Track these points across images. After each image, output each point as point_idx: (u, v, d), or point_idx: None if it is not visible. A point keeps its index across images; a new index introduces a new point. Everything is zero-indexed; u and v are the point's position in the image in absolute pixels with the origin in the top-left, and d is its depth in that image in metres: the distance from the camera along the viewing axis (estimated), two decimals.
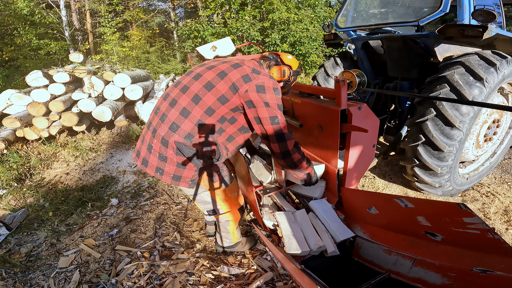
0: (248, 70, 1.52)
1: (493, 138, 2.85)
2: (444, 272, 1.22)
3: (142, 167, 1.64)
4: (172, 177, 1.59)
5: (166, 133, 1.51)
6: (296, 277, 1.30)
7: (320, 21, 8.92)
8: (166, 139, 1.51)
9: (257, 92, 1.49)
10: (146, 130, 1.64)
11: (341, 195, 1.88)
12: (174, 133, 1.50)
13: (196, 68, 1.64)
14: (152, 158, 1.58)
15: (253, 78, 1.50)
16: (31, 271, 2.08)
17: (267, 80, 1.53)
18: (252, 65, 1.59)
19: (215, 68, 1.54)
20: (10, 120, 3.94)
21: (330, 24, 3.69)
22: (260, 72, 1.55)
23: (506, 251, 1.03)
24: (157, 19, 15.32)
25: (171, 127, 1.50)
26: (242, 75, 1.50)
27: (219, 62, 1.61)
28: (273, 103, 1.52)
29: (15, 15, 9.54)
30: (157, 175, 1.60)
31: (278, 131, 1.54)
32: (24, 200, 3.16)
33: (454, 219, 1.14)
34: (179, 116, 1.50)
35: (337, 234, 1.64)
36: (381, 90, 2.76)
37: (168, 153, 1.53)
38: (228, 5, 7.94)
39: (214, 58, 1.75)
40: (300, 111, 2.19)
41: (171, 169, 1.57)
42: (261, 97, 1.50)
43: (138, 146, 1.71)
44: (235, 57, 1.73)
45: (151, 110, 1.76)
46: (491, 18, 2.21)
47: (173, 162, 1.55)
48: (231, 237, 2.04)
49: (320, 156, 2.06)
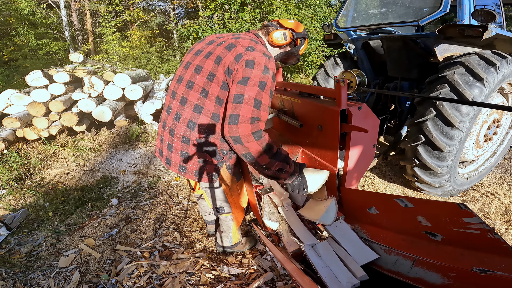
0: (241, 50, 1.39)
1: (493, 138, 2.85)
2: (444, 272, 1.22)
3: (166, 165, 1.65)
4: (195, 173, 1.59)
5: (185, 131, 1.49)
6: (296, 277, 1.30)
7: (320, 21, 8.92)
8: (186, 137, 1.50)
9: (245, 67, 1.35)
10: (163, 130, 1.63)
11: (341, 195, 1.88)
12: (193, 130, 1.48)
13: (193, 57, 1.56)
14: (175, 157, 1.58)
15: (244, 54, 1.38)
16: (31, 271, 2.08)
17: (259, 56, 1.38)
18: (248, 41, 1.45)
19: (212, 55, 1.46)
20: (10, 120, 3.94)
21: (330, 24, 3.69)
22: (255, 48, 1.41)
23: (506, 251, 1.03)
24: (157, 19, 15.32)
25: (188, 125, 1.48)
26: (235, 56, 1.38)
27: (214, 45, 1.51)
28: (254, 79, 1.33)
29: (15, 15, 9.54)
30: (180, 172, 1.60)
31: (235, 111, 1.33)
32: (24, 200, 3.16)
33: (454, 219, 1.14)
34: (193, 114, 1.47)
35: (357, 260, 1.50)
36: (381, 90, 2.76)
37: (190, 150, 1.53)
38: (228, 6, 7.94)
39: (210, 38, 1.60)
40: (300, 111, 2.19)
41: (193, 165, 1.56)
42: (245, 72, 1.34)
43: (158, 145, 1.72)
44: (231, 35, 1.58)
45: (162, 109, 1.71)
46: (491, 18, 2.21)
47: (195, 159, 1.55)
48: (232, 237, 2.03)
49: (320, 156, 2.06)
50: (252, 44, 1.44)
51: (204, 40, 1.62)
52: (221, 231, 2.08)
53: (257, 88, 1.34)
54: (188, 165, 1.57)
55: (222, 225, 2.02)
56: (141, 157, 4.02)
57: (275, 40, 1.58)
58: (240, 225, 2.03)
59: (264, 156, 1.39)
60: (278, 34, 1.57)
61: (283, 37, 1.58)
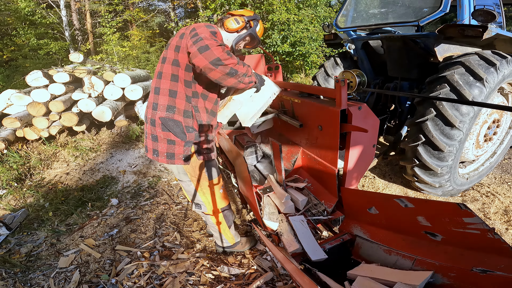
0: (185, 30, 1.56)
1: (493, 138, 2.85)
2: (444, 272, 1.22)
3: (146, 154, 1.76)
4: (166, 155, 1.66)
5: (151, 114, 1.64)
6: (296, 277, 1.30)
7: (320, 21, 8.91)
8: (153, 118, 1.63)
9: (190, 37, 1.45)
10: (146, 125, 1.74)
11: (341, 195, 1.88)
12: (156, 110, 1.62)
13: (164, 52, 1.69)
14: (148, 142, 1.70)
15: (189, 31, 1.50)
16: (31, 271, 2.08)
17: (197, 24, 1.53)
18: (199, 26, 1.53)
19: (171, 46, 1.62)
20: (10, 120, 3.94)
21: (330, 24, 3.69)
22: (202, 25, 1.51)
23: (506, 251, 1.03)
24: (157, 19, 15.31)
25: (153, 108, 1.64)
26: (183, 37, 1.56)
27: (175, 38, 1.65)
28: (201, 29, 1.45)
29: (15, 15, 9.54)
30: (154, 157, 1.68)
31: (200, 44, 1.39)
32: (24, 200, 3.16)
33: (454, 219, 1.14)
34: (154, 96, 1.64)
35: None
36: (381, 90, 2.76)
37: (157, 132, 1.63)
38: (228, 6, 7.94)
39: None
40: (300, 111, 2.19)
41: (163, 147, 1.65)
42: (192, 34, 1.46)
43: (144, 141, 1.80)
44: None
45: None
46: (491, 18, 2.21)
47: (163, 140, 1.64)
48: (224, 238, 2.04)
49: (320, 156, 2.06)
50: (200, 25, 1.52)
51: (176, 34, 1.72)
52: (213, 233, 2.09)
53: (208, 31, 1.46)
54: (159, 148, 1.67)
55: (209, 226, 2.03)
56: (141, 157, 4.02)
57: (229, 26, 1.72)
58: (230, 226, 2.01)
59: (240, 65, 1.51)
60: (231, 20, 1.72)
61: (235, 22, 1.73)
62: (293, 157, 2.37)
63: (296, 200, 2.01)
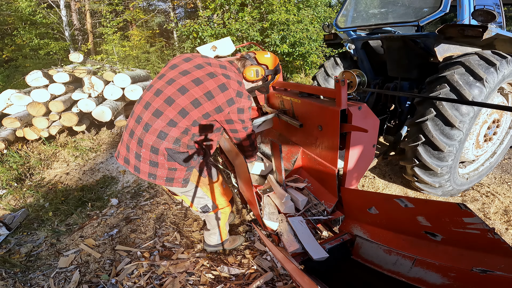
0: (232, 94, 1.59)
1: (493, 138, 2.85)
2: (444, 272, 1.22)
3: (135, 173, 1.66)
4: (165, 179, 1.64)
5: (154, 141, 1.54)
6: (296, 277, 1.30)
7: (320, 21, 8.91)
8: (155, 147, 1.54)
9: (237, 113, 1.65)
10: (129, 139, 1.62)
11: (341, 195, 1.88)
12: (163, 140, 1.53)
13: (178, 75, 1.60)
14: (143, 166, 1.61)
15: (236, 102, 1.61)
16: (31, 271, 2.08)
17: (246, 103, 1.67)
18: (236, 84, 1.63)
19: (202, 85, 1.56)
20: (10, 120, 3.94)
21: (330, 24, 3.69)
22: (242, 93, 1.64)
23: (506, 251, 1.03)
24: (157, 19, 15.32)
25: (159, 136, 1.53)
26: (227, 99, 1.58)
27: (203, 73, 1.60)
28: (246, 118, 1.73)
29: (16, 15, 9.54)
30: (150, 179, 1.63)
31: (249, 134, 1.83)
32: (24, 200, 3.16)
33: (454, 219, 1.14)
34: (166, 126, 1.53)
35: None
36: (381, 90, 2.76)
37: (159, 159, 1.58)
38: (228, 6, 7.94)
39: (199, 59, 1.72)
40: (300, 111, 2.19)
41: (163, 173, 1.62)
42: (240, 117, 1.68)
43: (123, 153, 1.69)
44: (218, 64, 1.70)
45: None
46: (491, 18, 2.21)
47: (165, 167, 1.60)
48: (219, 233, 2.08)
49: (320, 156, 2.06)
50: (239, 89, 1.64)
51: (191, 61, 1.67)
52: (208, 230, 2.13)
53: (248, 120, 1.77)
54: (158, 173, 1.61)
55: (210, 222, 2.06)
56: None
57: (248, 77, 1.80)
58: (226, 221, 2.09)
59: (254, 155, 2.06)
60: (251, 72, 1.79)
61: (255, 74, 1.80)
62: (293, 157, 2.37)
63: (296, 200, 2.01)
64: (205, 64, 1.65)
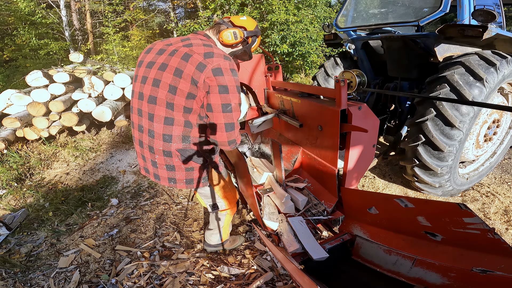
0: (199, 58, 1.38)
1: (493, 138, 2.85)
2: (444, 272, 1.22)
3: (156, 181, 1.67)
4: (185, 181, 1.63)
5: (163, 146, 1.51)
6: (296, 277, 1.30)
7: (320, 21, 8.91)
8: (167, 150, 1.52)
9: (214, 76, 1.37)
10: (141, 149, 1.62)
11: (341, 195, 1.88)
12: (171, 142, 1.50)
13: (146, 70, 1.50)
14: (162, 172, 1.61)
15: (206, 63, 1.37)
16: (31, 271, 2.08)
17: (222, 62, 1.39)
18: (202, 48, 1.43)
19: (168, 67, 1.42)
20: (10, 120, 3.94)
21: (330, 24, 3.69)
22: (214, 53, 1.41)
23: (506, 251, 1.03)
24: (157, 19, 15.32)
25: (164, 139, 1.49)
26: (196, 65, 1.37)
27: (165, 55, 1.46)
28: (231, 85, 1.41)
29: (16, 15, 9.54)
30: (171, 184, 1.63)
31: (228, 121, 1.46)
32: (24, 200, 3.16)
33: (454, 219, 1.14)
34: (165, 127, 1.47)
35: None
36: (381, 90, 2.76)
37: (175, 162, 1.56)
38: (227, 6, 7.93)
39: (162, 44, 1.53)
40: (300, 111, 2.19)
41: (181, 175, 1.61)
42: (219, 81, 1.38)
43: (141, 163, 1.71)
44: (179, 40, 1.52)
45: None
46: (491, 18, 2.21)
47: (181, 168, 1.59)
48: (222, 233, 2.08)
49: (320, 156, 2.06)
50: (208, 50, 1.42)
51: (153, 50, 1.55)
52: (211, 229, 2.12)
53: (237, 93, 1.46)
54: (177, 176, 1.60)
55: (214, 221, 2.06)
56: None
57: (225, 40, 1.56)
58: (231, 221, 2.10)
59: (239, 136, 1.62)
60: (228, 33, 1.54)
61: (233, 36, 1.55)
62: (293, 157, 2.37)
63: (296, 200, 2.01)
64: (165, 47, 1.50)
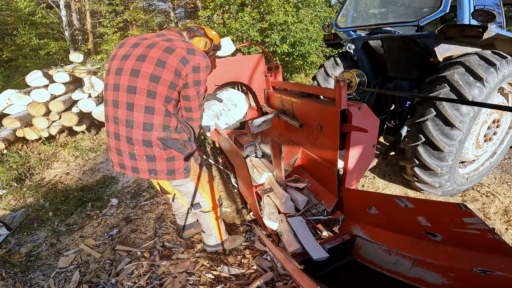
0: (183, 52, 1.53)
1: (493, 138, 2.85)
2: (444, 272, 1.22)
3: (134, 174, 1.64)
4: (167, 172, 1.63)
5: (143, 135, 1.52)
6: (296, 277, 1.30)
7: (320, 21, 8.90)
8: (147, 140, 1.53)
9: (193, 73, 1.57)
10: (117, 142, 1.59)
11: (341, 195, 1.88)
12: (152, 131, 1.52)
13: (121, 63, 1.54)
14: (141, 163, 1.59)
15: (190, 59, 1.54)
16: (31, 271, 2.08)
17: (202, 60, 1.58)
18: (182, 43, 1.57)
19: (149, 58, 1.49)
20: (10, 120, 3.94)
21: (330, 24, 3.69)
22: (194, 50, 1.58)
23: (506, 251, 1.03)
24: (157, 19, 15.30)
25: (145, 128, 1.51)
26: (179, 58, 1.51)
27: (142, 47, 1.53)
28: (203, 79, 1.63)
29: (16, 15, 9.54)
30: (151, 176, 1.62)
31: (200, 103, 1.72)
32: (24, 200, 3.16)
33: (454, 219, 1.14)
34: (146, 115, 1.50)
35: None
36: (381, 90, 2.76)
37: (155, 152, 1.57)
38: (227, 6, 7.93)
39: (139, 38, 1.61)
40: (300, 111, 2.19)
41: (163, 166, 1.61)
42: (195, 77, 1.58)
43: (115, 159, 1.66)
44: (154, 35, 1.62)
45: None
46: (491, 18, 2.21)
47: (163, 158, 1.59)
48: (216, 233, 2.08)
49: (320, 156, 2.06)
50: (189, 46, 1.58)
51: (126, 44, 1.60)
52: (204, 232, 2.12)
53: (205, 84, 1.69)
54: (158, 167, 1.60)
55: (203, 224, 2.06)
56: None
57: (197, 45, 1.76)
58: (220, 220, 2.08)
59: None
60: (201, 42, 1.78)
61: (204, 45, 1.79)
62: (293, 157, 2.37)
63: (296, 200, 2.01)
64: (141, 41, 1.57)
